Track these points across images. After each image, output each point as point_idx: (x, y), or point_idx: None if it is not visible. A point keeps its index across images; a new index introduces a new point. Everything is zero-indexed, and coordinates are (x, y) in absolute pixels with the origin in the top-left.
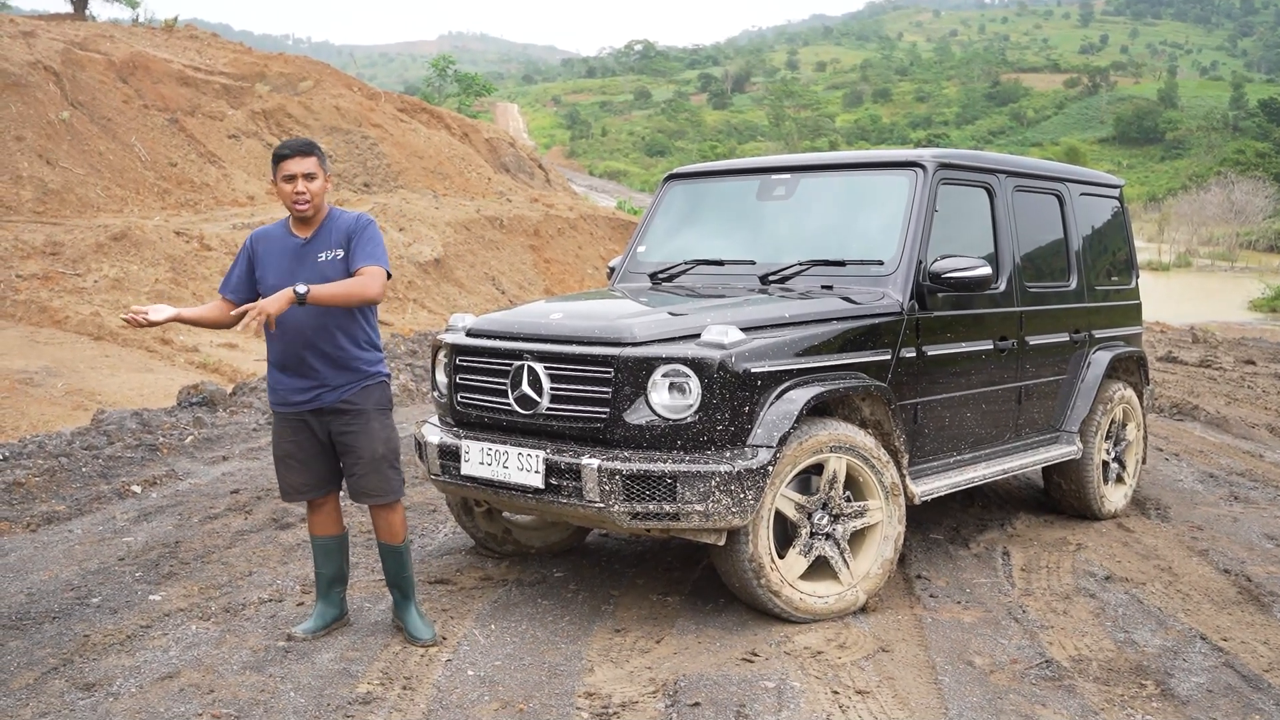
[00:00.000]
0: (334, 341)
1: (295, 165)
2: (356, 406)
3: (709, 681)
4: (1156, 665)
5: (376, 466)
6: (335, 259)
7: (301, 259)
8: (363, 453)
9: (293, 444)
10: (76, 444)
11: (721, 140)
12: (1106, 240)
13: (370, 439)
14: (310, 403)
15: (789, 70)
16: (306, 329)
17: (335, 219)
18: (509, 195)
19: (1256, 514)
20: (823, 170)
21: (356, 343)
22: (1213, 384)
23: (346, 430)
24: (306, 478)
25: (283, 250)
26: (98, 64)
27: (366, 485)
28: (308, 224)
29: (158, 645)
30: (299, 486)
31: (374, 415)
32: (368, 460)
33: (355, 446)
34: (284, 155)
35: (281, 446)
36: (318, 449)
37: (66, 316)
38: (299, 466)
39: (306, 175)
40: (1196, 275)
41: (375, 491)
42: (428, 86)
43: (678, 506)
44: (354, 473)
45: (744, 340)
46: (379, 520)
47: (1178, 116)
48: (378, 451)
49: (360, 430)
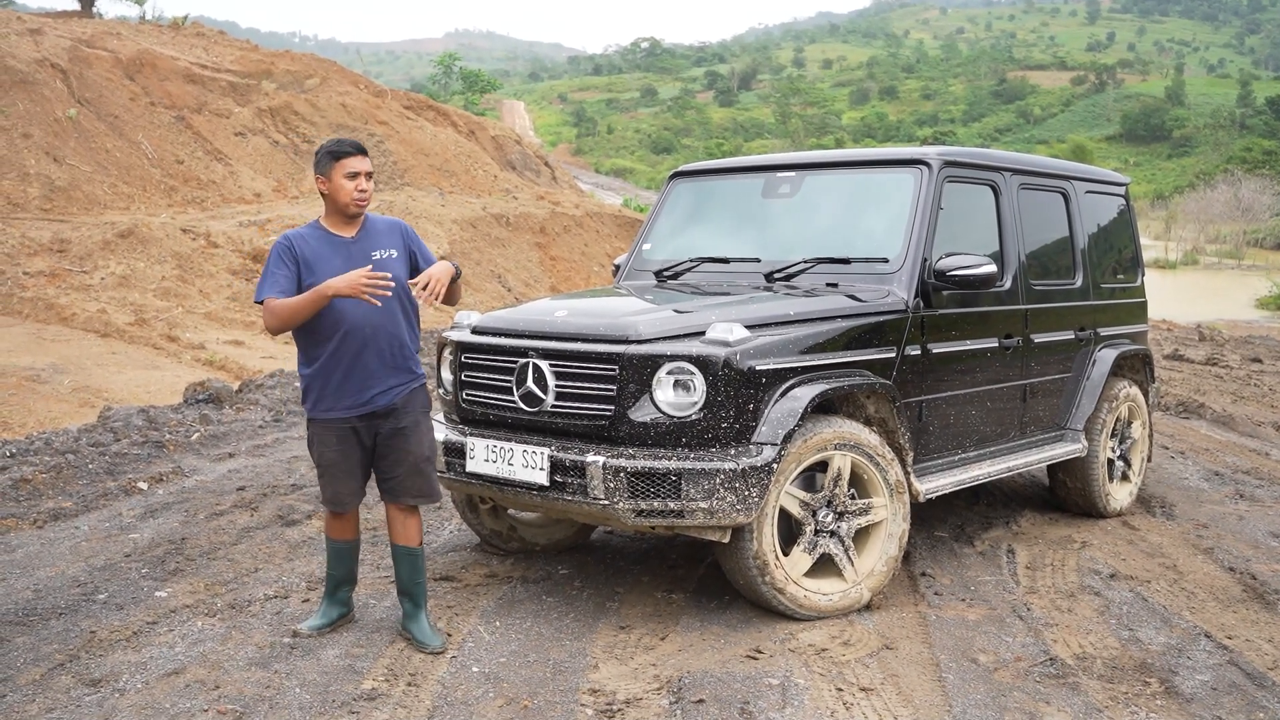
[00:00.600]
0: (391, 341)
1: (358, 163)
2: (406, 408)
3: (713, 678)
4: (1161, 663)
5: (421, 468)
6: (392, 258)
7: (355, 258)
8: (410, 454)
9: (338, 453)
10: (83, 441)
11: (728, 138)
12: (1112, 238)
13: (419, 441)
14: (364, 406)
15: (795, 68)
16: (367, 326)
17: (373, 220)
18: (515, 193)
19: (1262, 512)
20: (828, 168)
21: (409, 341)
22: (1219, 382)
23: (396, 432)
24: (353, 485)
25: (332, 250)
26: (105, 61)
27: (410, 486)
28: (350, 223)
29: (164, 641)
30: (345, 496)
31: (421, 417)
32: (413, 462)
33: (404, 448)
34: (347, 152)
35: (326, 456)
36: (360, 456)
37: (73, 314)
38: (344, 476)
39: (368, 174)
40: (1203, 273)
41: (419, 492)
42: (433, 84)
43: (682, 504)
44: (397, 474)
45: (749, 338)
46: (401, 522)
47: (1185, 114)
48: (424, 453)
49: (410, 432)
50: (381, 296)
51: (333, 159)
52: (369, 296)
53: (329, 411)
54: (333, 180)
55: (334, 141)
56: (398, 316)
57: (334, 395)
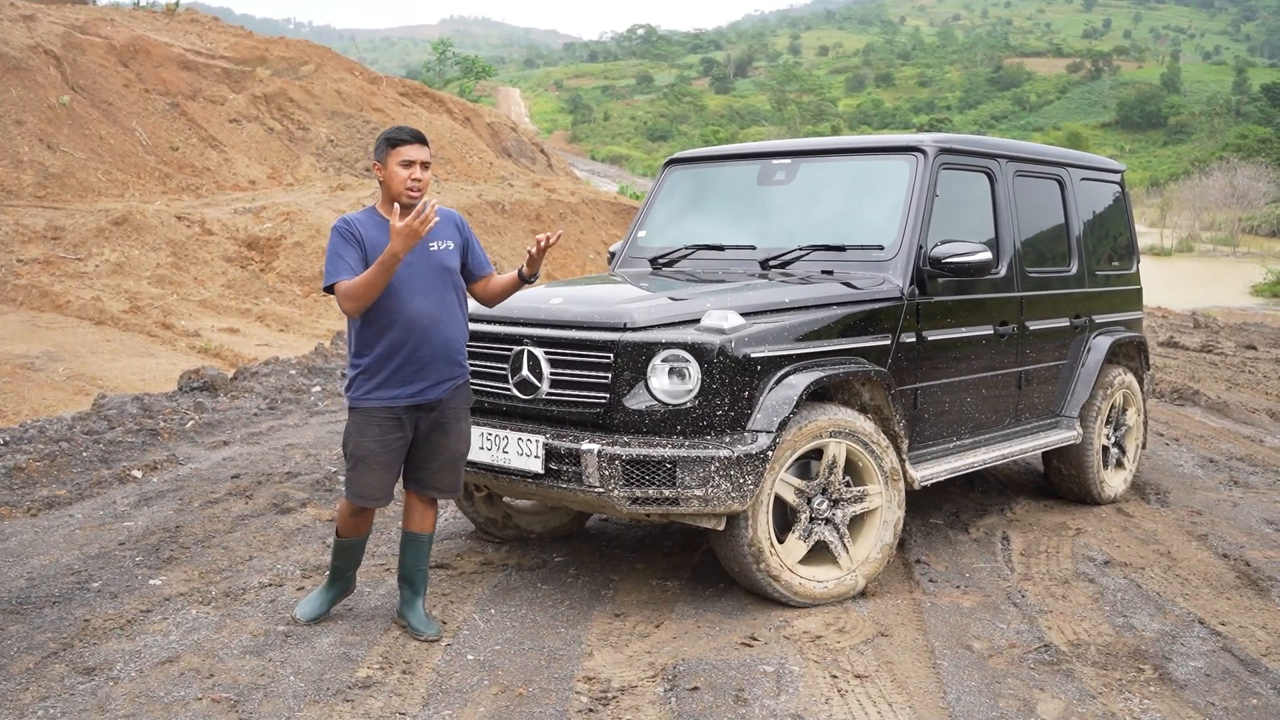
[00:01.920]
0: (446, 333)
1: (414, 152)
2: (452, 403)
3: (708, 666)
4: (1155, 649)
5: (455, 464)
6: (447, 249)
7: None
8: (447, 450)
9: (378, 443)
10: (77, 429)
11: (724, 125)
12: (1107, 225)
13: (458, 437)
14: (413, 397)
15: (791, 55)
16: (425, 318)
17: None
18: (511, 180)
19: (1256, 499)
20: (823, 155)
21: (462, 335)
22: (1214, 369)
23: (439, 425)
24: (386, 480)
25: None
26: (98, 48)
27: (441, 481)
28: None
29: (158, 630)
30: (375, 490)
31: (463, 413)
32: (449, 457)
33: (444, 443)
34: (404, 140)
35: (364, 446)
36: (400, 449)
37: (68, 301)
38: (379, 469)
39: (424, 164)
40: (1199, 260)
41: (448, 488)
42: (428, 71)
43: (677, 491)
44: (430, 468)
45: (744, 325)
46: (420, 511)
47: (1180, 101)
48: (460, 450)
49: (451, 427)
50: (438, 289)
51: (389, 145)
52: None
53: (375, 399)
54: (388, 167)
55: (394, 129)
56: (455, 310)
57: (385, 384)
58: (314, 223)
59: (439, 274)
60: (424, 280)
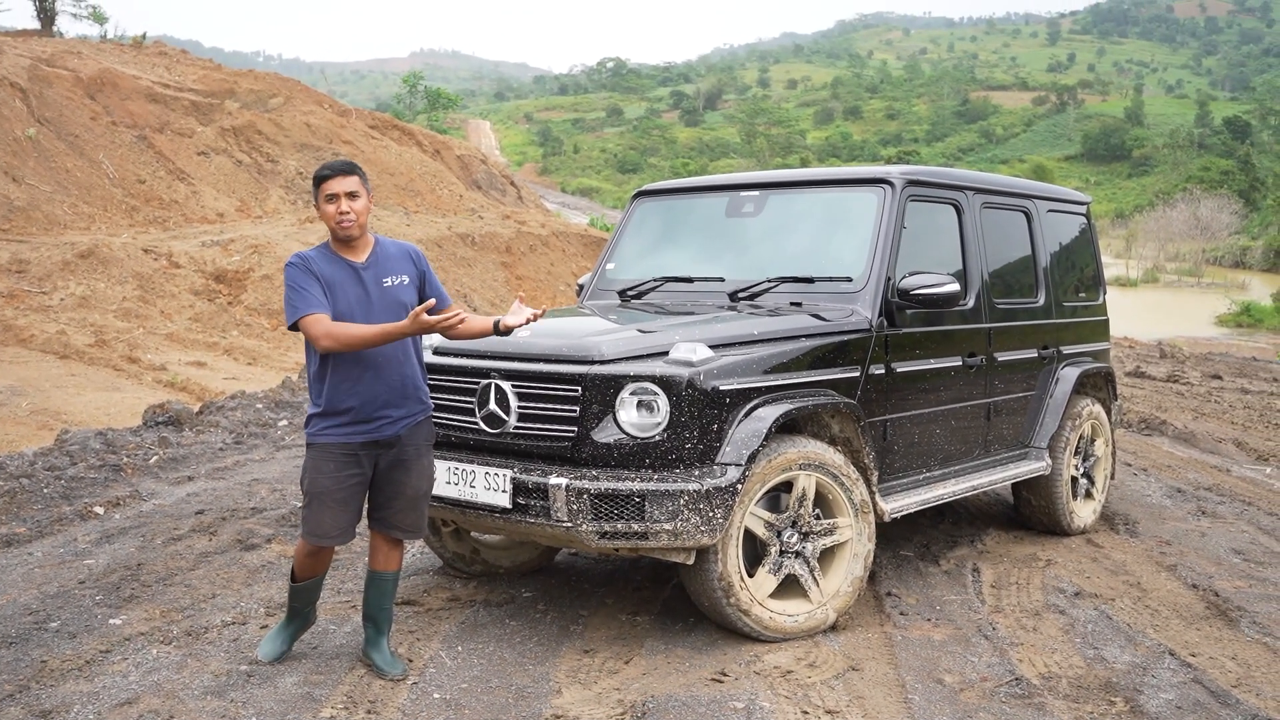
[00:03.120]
0: (404, 370)
1: (338, 185)
2: (410, 441)
3: (677, 703)
4: (1126, 682)
5: (416, 504)
6: (402, 285)
7: (368, 284)
8: (406, 489)
9: (334, 480)
10: (39, 465)
11: (694, 157)
12: (1074, 257)
13: (418, 475)
14: (369, 434)
15: (760, 88)
16: (378, 355)
17: (384, 245)
18: (481, 212)
19: (1224, 529)
20: (791, 187)
21: (419, 371)
22: (1180, 399)
23: (399, 462)
24: (342, 519)
25: (345, 276)
26: (65, 80)
27: (405, 520)
28: (353, 247)
29: (117, 670)
30: (332, 530)
31: (424, 450)
32: (411, 496)
33: (405, 481)
34: (325, 176)
35: (320, 483)
36: (357, 486)
37: (32, 335)
38: (336, 507)
39: (350, 194)
40: (1164, 291)
41: (410, 528)
42: (399, 103)
43: (646, 525)
44: (393, 507)
45: (712, 358)
46: (385, 551)
47: (1144, 134)
48: (421, 489)
49: (411, 465)
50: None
51: (315, 184)
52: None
53: (332, 435)
54: (319, 205)
55: (321, 165)
56: (408, 346)
57: (341, 420)
58: (282, 255)
59: (394, 310)
60: (379, 317)
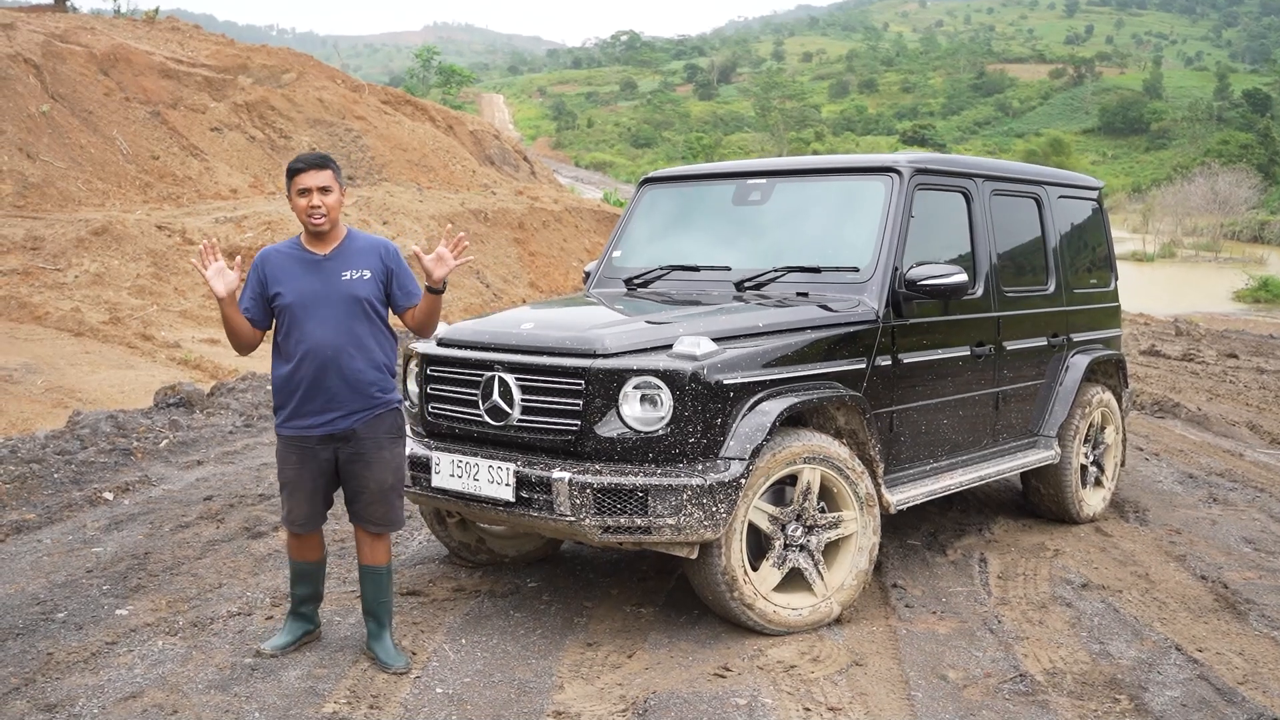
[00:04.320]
0: (353, 364)
1: (310, 179)
2: (369, 435)
3: (679, 699)
4: (1131, 678)
5: (384, 496)
6: (362, 279)
7: (323, 275)
8: (371, 482)
9: (297, 471)
10: (49, 448)
11: (708, 131)
12: (1085, 242)
13: (381, 468)
14: (322, 427)
15: (775, 61)
16: (329, 346)
17: (355, 239)
18: (493, 188)
19: (1235, 516)
20: (798, 175)
21: (376, 366)
22: (1195, 379)
23: (357, 458)
24: (309, 508)
25: (301, 266)
26: (79, 56)
27: (372, 514)
28: (324, 240)
29: (123, 663)
30: (299, 517)
31: (386, 444)
32: (375, 490)
33: (365, 475)
34: (298, 169)
35: (286, 473)
36: (322, 478)
37: (47, 312)
38: (301, 496)
39: (321, 189)
40: (1181, 266)
41: (380, 521)
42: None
43: (649, 520)
44: (360, 500)
45: (716, 351)
46: (369, 544)
47: (1162, 107)
48: (387, 481)
49: (372, 459)
50: (344, 319)
51: (288, 176)
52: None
53: (290, 428)
54: (291, 198)
55: (295, 158)
56: (364, 340)
57: (296, 413)
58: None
59: (347, 303)
60: (330, 310)
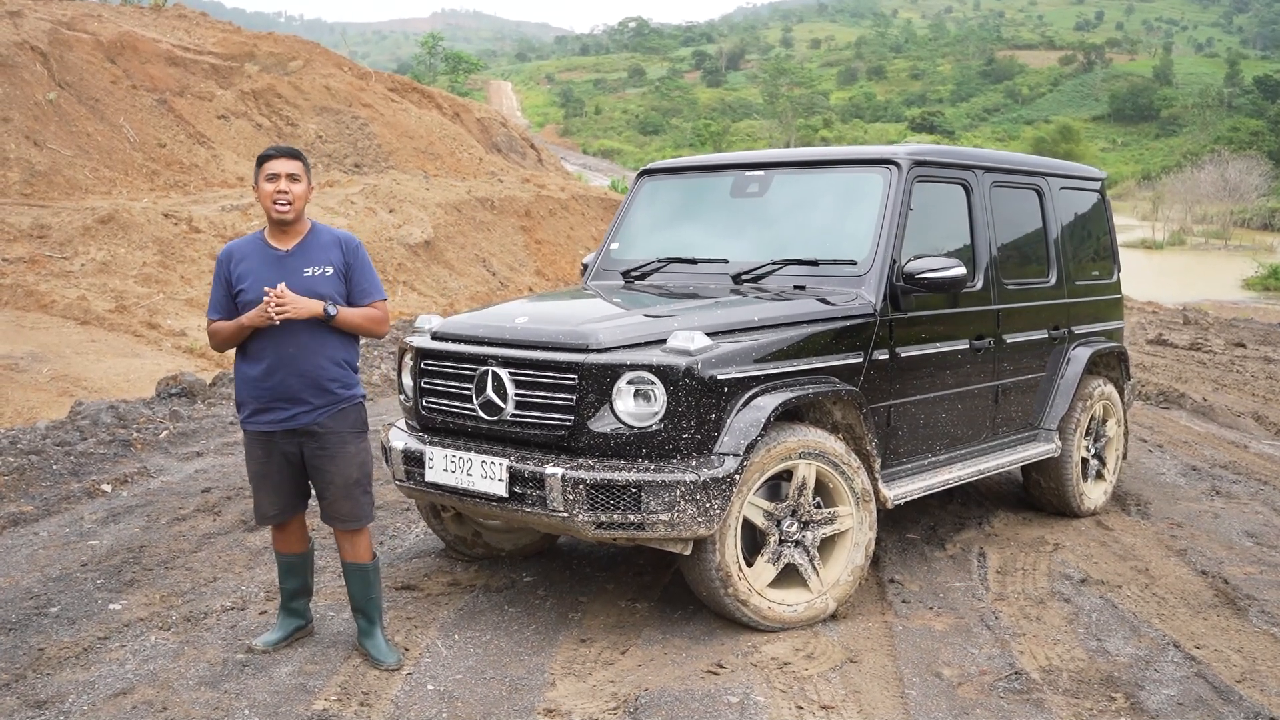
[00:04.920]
0: (315, 360)
1: (280, 165)
2: (332, 430)
3: (671, 697)
4: (1127, 676)
5: (349, 492)
6: (324, 275)
7: (285, 272)
8: (335, 477)
9: (262, 465)
10: (49, 439)
11: (715, 118)
12: (1087, 234)
13: (345, 463)
14: (284, 423)
15: (784, 48)
16: (289, 345)
17: (319, 234)
18: (500, 175)
19: (1238, 510)
20: (797, 167)
21: (336, 362)
22: (1202, 368)
23: (320, 453)
24: (277, 501)
25: (263, 262)
26: (85, 44)
27: (337, 510)
28: (287, 234)
29: (114, 658)
30: (267, 511)
31: (349, 439)
32: (340, 485)
33: (328, 470)
34: (269, 156)
35: (251, 467)
36: (288, 471)
37: (53, 300)
38: (269, 490)
39: (290, 176)
40: (1190, 254)
41: (346, 516)
42: (419, 65)
43: (643, 516)
44: (325, 496)
45: (710, 346)
46: (348, 540)
47: (1173, 94)
48: (351, 476)
49: (335, 454)
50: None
51: (257, 164)
52: (268, 316)
53: (253, 423)
54: (258, 185)
55: (268, 147)
56: (325, 336)
57: (258, 408)
58: None
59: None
60: None
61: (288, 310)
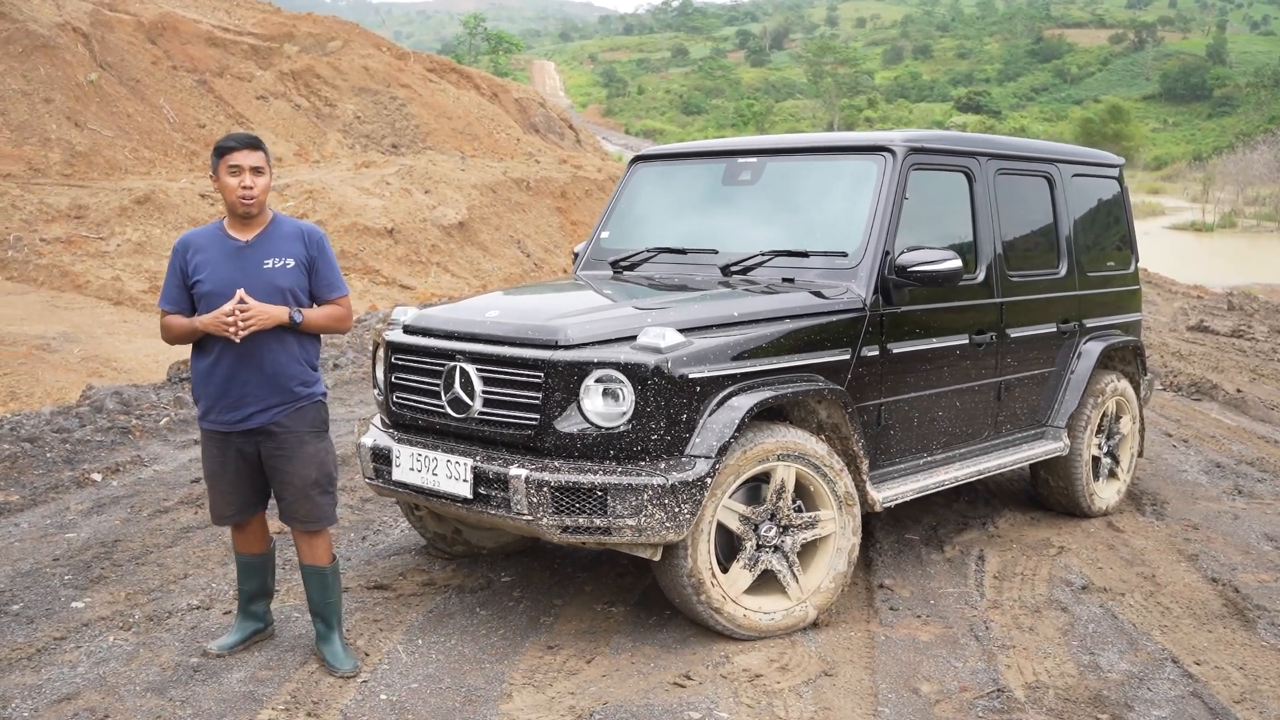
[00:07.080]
0: (272, 358)
1: (243, 158)
2: (289, 429)
3: (629, 712)
4: (1117, 695)
5: (306, 493)
6: (284, 268)
7: (244, 264)
8: (293, 478)
9: (218, 464)
10: (50, 426)
11: (759, 98)
12: (1103, 223)
13: (303, 464)
14: (241, 423)
15: (828, 26)
16: (246, 341)
17: (280, 224)
18: (537, 156)
19: (1259, 511)
20: (789, 154)
21: (295, 360)
22: (1241, 356)
23: (278, 453)
24: (233, 501)
25: (222, 253)
26: (126, 25)
27: (296, 511)
28: (248, 225)
29: (67, 661)
30: (224, 511)
31: (308, 438)
32: (298, 486)
33: (286, 471)
34: (230, 147)
35: (208, 466)
36: (245, 471)
37: (88, 281)
38: (226, 489)
39: (254, 169)
40: (1242, 236)
41: (305, 518)
42: (460, 45)
43: (609, 520)
44: (283, 497)
45: (683, 343)
46: (306, 542)
47: (1226, 73)
48: (309, 477)
49: (293, 454)
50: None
51: (217, 155)
52: (229, 333)
53: (209, 422)
54: (220, 177)
55: (225, 137)
56: (284, 332)
57: (214, 407)
58: (337, 201)
59: (267, 293)
60: (253, 297)
61: (253, 323)
